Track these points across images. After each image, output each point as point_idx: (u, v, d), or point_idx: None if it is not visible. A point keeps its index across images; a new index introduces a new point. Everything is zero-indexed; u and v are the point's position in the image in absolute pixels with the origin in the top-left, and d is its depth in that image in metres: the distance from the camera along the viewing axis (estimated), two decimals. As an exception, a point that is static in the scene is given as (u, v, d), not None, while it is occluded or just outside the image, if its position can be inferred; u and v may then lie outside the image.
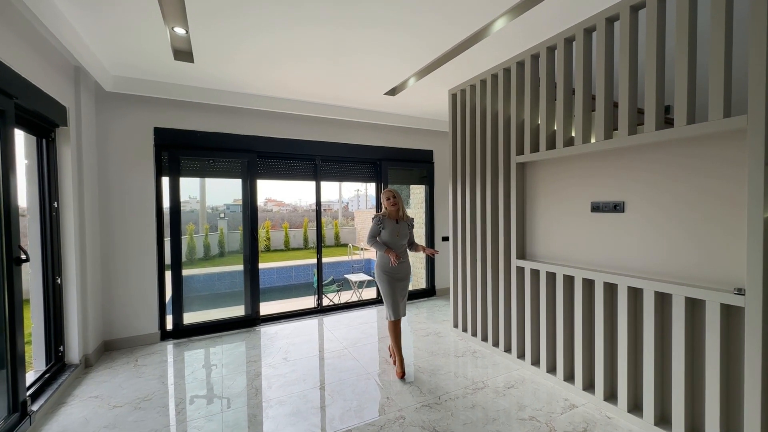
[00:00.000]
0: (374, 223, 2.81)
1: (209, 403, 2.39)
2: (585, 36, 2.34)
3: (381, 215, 2.82)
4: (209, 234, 12.64)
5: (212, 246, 12.35)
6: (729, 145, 1.74)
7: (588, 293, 2.40)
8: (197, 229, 12.75)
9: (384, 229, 2.78)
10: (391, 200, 2.80)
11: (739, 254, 1.71)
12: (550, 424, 2.11)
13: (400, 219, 2.82)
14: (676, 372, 1.91)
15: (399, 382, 2.64)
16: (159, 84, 3.34)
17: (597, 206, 2.34)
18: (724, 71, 1.71)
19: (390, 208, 2.80)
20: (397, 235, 2.77)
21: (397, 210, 2.80)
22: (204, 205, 14.21)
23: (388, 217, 2.81)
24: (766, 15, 1.57)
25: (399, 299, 2.77)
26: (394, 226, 2.78)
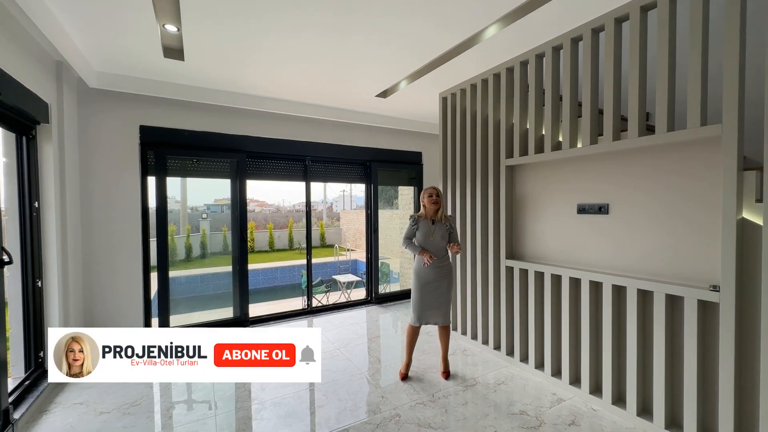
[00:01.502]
0: (409, 224, 2.68)
1: (201, 407, 2.36)
2: (572, 45, 2.45)
3: (417, 216, 2.68)
4: (191, 235, 12.35)
5: (194, 247, 12.07)
6: (705, 151, 1.87)
7: (574, 292, 2.50)
8: (178, 230, 12.43)
9: (419, 231, 2.64)
10: (434, 198, 2.61)
11: (715, 253, 1.83)
12: (539, 418, 2.19)
13: (436, 220, 2.65)
14: (657, 365, 2.03)
15: (393, 381, 2.67)
16: (146, 81, 3.26)
17: (583, 208, 2.44)
18: (701, 83, 1.83)
19: (430, 206, 2.62)
20: (432, 236, 2.60)
21: (436, 210, 2.63)
22: (185, 205, 13.86)
23: (424, 218, 2.66)
24: (738, 33, 1.69)
25: (425, 306, 2.60)
26: (429, 227, 2.62)
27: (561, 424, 2.14)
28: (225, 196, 19.87)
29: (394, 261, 8.00)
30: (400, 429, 2.08)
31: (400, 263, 7.12)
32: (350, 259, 11.63)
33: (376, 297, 4.82)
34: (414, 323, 2.64)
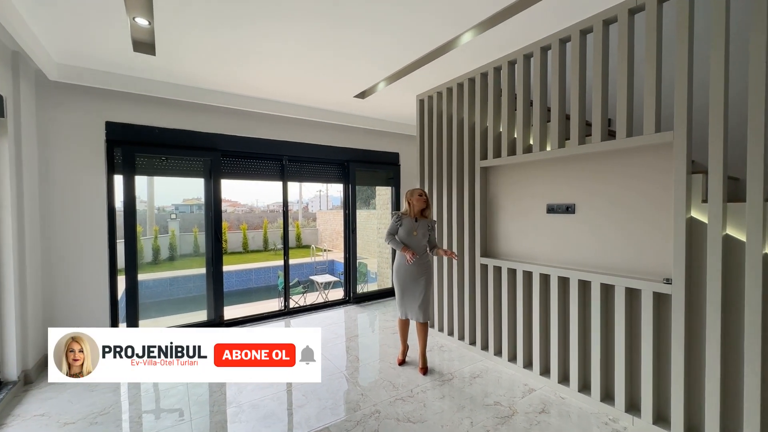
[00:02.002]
0: (393, 221, 2.80)
1: (173, 413, 2.29)
2: (541, 53, 2.58)
3: (400, 213, 2.82)
4: (159, 236, 11.81)
5: (162, 249, 11.54)
6: (660, 155, 2.03)
7: (544, 287, 2.64)
8: (145, 231, 11.85)
9: (402, 227, 2.76)
10: (424, 196, 2.77)
11: (668, 249, 2.00)
12: (512, 407, 2.30)
13: (419, 217, 2.78)
14: (618, 353, 2.19)
15: (373, 379, 2.70)
16: (113, 75, 3.11)
17: (552, 208, 2.58)
18: (656, 94, 2.00)
19: (418, 204, 2.74)
20: (415, 233, 2.72)
21: (423, 208, 2.77)
22: (152, 205, 13.24)
23: (408, 216, 2.79)
24: (687, 50, 1.86)
25: (407, 300, 2.75)
26: (412, 224, 2.74)
27: (532, 412, 2.25)
28: (195, 196, 18.94)
29: (371, 261, 8.03)
30: (380, 425, 2.12)
31: (377, 263, 7.16)
32: (327, 260, 11.54)
33: (354, 297, 4.83)
34: (401, 317, 2.85)
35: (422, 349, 2.82)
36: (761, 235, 1.66)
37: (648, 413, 2.05)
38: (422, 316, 2.73)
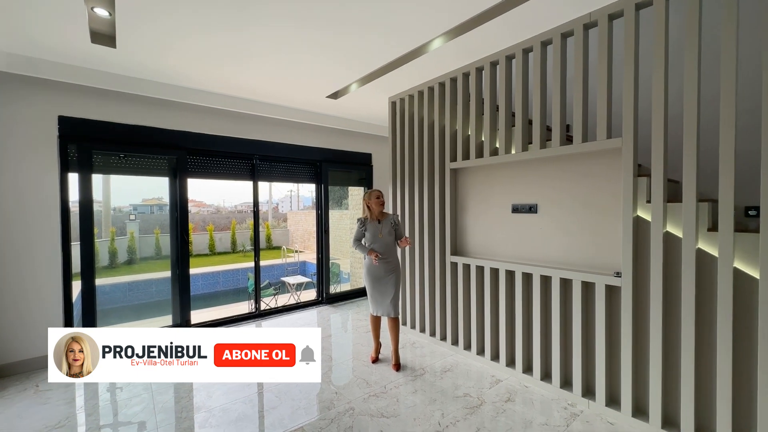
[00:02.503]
0: (357, 227, 2.89)
1: (138, 423, 2.20)
2: (506, 62, 2.73)
3: (363, 218, 2.88)
4: (116, 239, 11.10)
5: (120, 252, 10.86)
6: (611, 159, 2.22)
7: (510, 283, 2.79)
8: (100, 233, 11.08)
9: (367, 231, 2.85)
10: (381, 199, 2.86)
11: (619, 245, 2.18)
12: (480, 398, 2.41)
13: (381, 219, 2.87)
14: (576, 342, 2.36)
15: (346, 377, 2.73)
16: (68, 67, 2.92)
17: (516, 208, 2.74)
18: (607, 103, 2.18)
19: (377, 207, 2.83)
20: (380, 234, 2.82)
21: (382, 210, 2.87)
22: (108, 205, 12.43)
23: (370, 219, 2.86)
24: (633, 67, 2.05)
25: (378, 297, 2.84)
26: (376, 226, 2.83)
27: (499, 401, 2.38)
28: (156, 196, 18.02)
29: (344, 261, 8.01)
30: (354, 421, 2.15)
31: (350, 263, 7.16)
32: (299, 261, 11.35)
33: (327, 297, 4.82)
34: (373, 313, 2.92)
35: (395, 346, 2.88)
36: (695, 232, 1.87)
37: (602, 397, 2.24)
38: (393, 311, 2.81)
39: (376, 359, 2.99)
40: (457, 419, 2.18)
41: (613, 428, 2.09)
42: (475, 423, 2.14)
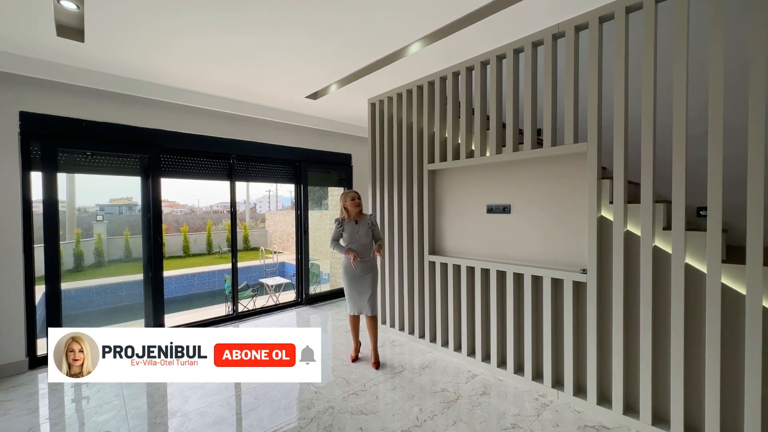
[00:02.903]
0: (335, 228, 2.93)
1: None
2: (481, 67, 2.83)
3: (341, 219, 2.92)
4: (81, 240, 10.55)
5: (86, 255, 10.33)
6: (578, 162, 2.35)
7: (485, 281, 2.89)
8: (64, 235, 10.51)
9: (345, 232, 2.89)
10: (356, 200, 2.89)
11: (585, 243, 2.32)
12: (457, 392, 2.49)
13: (359, 219, 2.90)
14: (546, 336, 2.48)
15: (326, 377, 2.74)
16: (30, 61, 2.78)
17: (491, 208, 2.84)
18: (574, 110, 2.31)
19: (353, 208, 2.87)
20: (357, 235, 2.85)
21: (359, 211, 2.90)
22: (73, 205, 11.81)
23: (347, 220, 2.90)
24: (597, 76, 2.18)
25: (356, 296, 2.88)
26: (354, 227, 2.87)
27: (474, 395, 2.46)
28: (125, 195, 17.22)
29: (324, 262, 7.98)
30: (334, 420, 2.18)
31: (330, 264, 7.14)
32: (277, 262, 11.18)
33: (306, 298, 4.80)
34: (351, 313, 2.95)
35: (374, 345, 2.92)
36: (651, 231, 2.02)
37: (570, 387, 2.36)
38: (371, 310, 2.86)
39: (356, 358, 3.02)
40: (434, 413, 2.24)
41: (580, 416, 2.22)
42: (452, 416, 2.22)
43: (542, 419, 2.19)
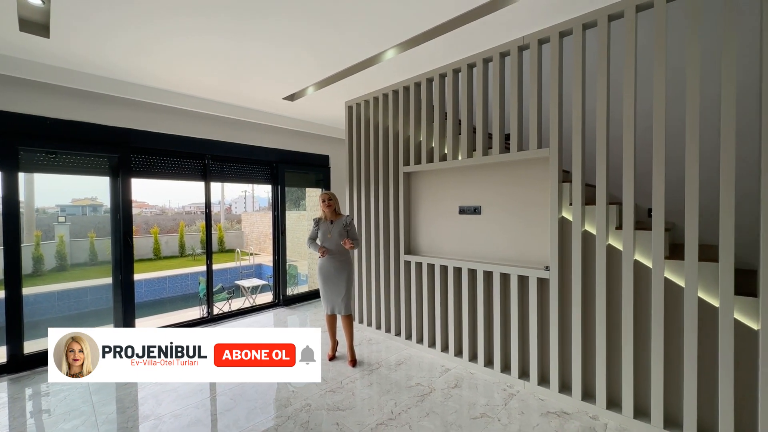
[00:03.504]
0: (312, 227, 3.05)
1: (80, 435, 2.08)
2: (453, 74, 2.95)
3: (318, 218, 3.03)
4: (41, 243, 9.96)
5: (47, 258, 9.77)
6: (542, 167, 2.51)
7: (457, 279, 3.01)
8: (22, 237, 9.89)
9: (319, 231, 2.99)
10: (326, 202, 2.97)
11: (547, 242, 2.48)
12: (430, 386, 2.60)
13: (334, 220, 2.98)
14: (513, 330, 2.63)
15: (302, 375, 2.78)
16: (-11, 55, 2.65)
17: (463, 210, 2.97)
18: (537, 118, 2.47)
19: (325, 209, 2.97)
20: (329, 235, 2.93)
21: (331, 211, 2.97)
22: (31, 206, 11.14)
23: (324, 220, 2.99)
24: (558, 87, 2.35)
25: (330, 295, 2.94)
26: (328, 226, 2.96)
27: (447, 388, 2.58)
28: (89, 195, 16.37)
29: (302, 263, 7.93)
30: (310, 416, 2.23)
31: (308, 265, 7.12)
32: (254, 264, 10.98)
33: (284, 299, 4.79)
34: (328, 312, 3.01)
35: (350, 343, 2.98)
36: (605, 230, 2.20)
37: (534, 377, 2.52)
38: (345, 309, 2.93)
39: (333, 357, 3.07)
40: (409, 407, 2.34)
41: (543, 403, 2.37)
42: (425, 408, 2.32)
43: (509, 408, 2.33)
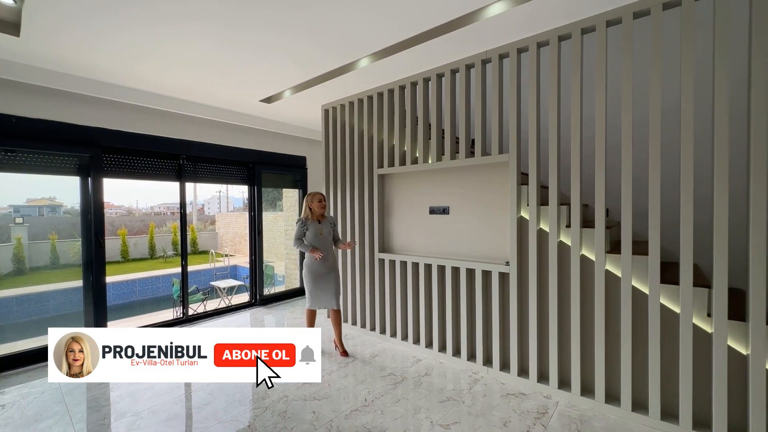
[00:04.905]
0: (298, 227, 3.05)
1: (55, 434, 2.10)
2: (424, 83, 3.15)
3: (304, 218, 3.06)
4: (-3, 246, 9.37)
5: (3, 262, 9.20)
6: (504, 170, 2.74)
7: (427, 275, 3.21)
8: (-27, 240, 9.25)
9: (308, 231, 3.02)
10: (322, 202, 3.07)
11: (508, 240, 2.71)
12: (403, 375, 2.77)
13: (322, 219, 3.08)
14: (478, 321, 2.85)
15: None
16: (-48, 51, 2.59)
17: (433, 210, 3.17)
18: (499, 125, 2.69)
19: (319, 209, 3.05)
20: (321, 234, 3.03)
21: (323, 212, 3.09)
22: (-18, 206, 10.47)
23: (310, 219, 3.05)
24: (515, 97, 2.58)
25: (320, 293, 3.06)
26: (317, 226, 3.04)
27: (418, 376, 2.76)
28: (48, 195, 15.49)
29: (278, 264, 7.93)
30: (288, 406, 2.34)
31: (285, 265, 7.14)
32: (229, 266, 10.81)
33: (260, 299, 4.83)
34: (311, 307, 3.14)
35: (340, 335, 3.17)
36: (557, 228, 2.45)
37: (497, 363, 2.75)
38: (336, 303, 3.10)
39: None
40: (381, 394, 2.50)
41: (504, 386, 2.60)
42: (397, 395, 2.48)
43: (473, 392, 2.53)
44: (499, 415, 2.24)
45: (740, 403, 1.90)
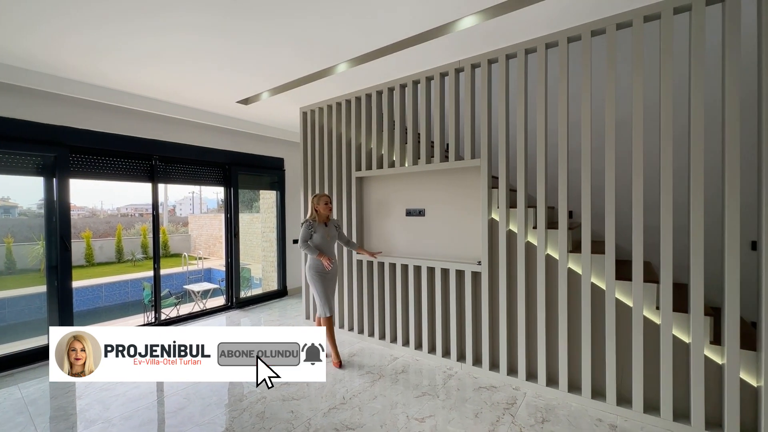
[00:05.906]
0: (305, 229, 2.98)
1: (19, 444, 2.02)
2: (400, 89, 3.25)
3: (311, 220, 3.01)
4: (-57, 250, 8.68)
5: (-48, 267, 8.52)
6: (476, 174, 2.88)
7: (404, 275, 3.30)
8: None
9: (315, 233, 2.98)
10: (329, 204, 3.05)
11: (479, 241, 2.85)
12: (380, 373, 2.84)
13: (328, 222, 3.07)
14: (452, 319, 2.96)
15: (257, 372, 2.88)
16: None
17: (409, 212, 3.27)
18: (471, 132, 2.83)
19: (326, 211, 3.03)
20: (328, 237, 3.03)
21: (330, 213, 3.09)
22: (-72, 207, 9.72)
23: (318, 222, 3.02)
24: (486, 105, 2.73)
25: (330, 295, 3.02)
26: (324, 229, 3.03)
27: (395, 373, 2.84)
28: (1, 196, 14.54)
29: (255, 266, 7.81)
30: (266, 407, 2.36)
31: (262, 268, 7.05)
32: (203, 269, 10.52)
33: (237, 302, 4.77)
34: (329, 313, 2.99)
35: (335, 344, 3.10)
36: (524, 230, 2.60)
37: (470, 359, 2.87)
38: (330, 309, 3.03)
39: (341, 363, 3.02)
40: (359, 392, 2.56)
41: (477, 380, 2.73)
42: (374, 392, 2.55)
43: (447, 386, 2.64)
44: (472, 408, 2.36)
45: (684, 386, 2.11)
